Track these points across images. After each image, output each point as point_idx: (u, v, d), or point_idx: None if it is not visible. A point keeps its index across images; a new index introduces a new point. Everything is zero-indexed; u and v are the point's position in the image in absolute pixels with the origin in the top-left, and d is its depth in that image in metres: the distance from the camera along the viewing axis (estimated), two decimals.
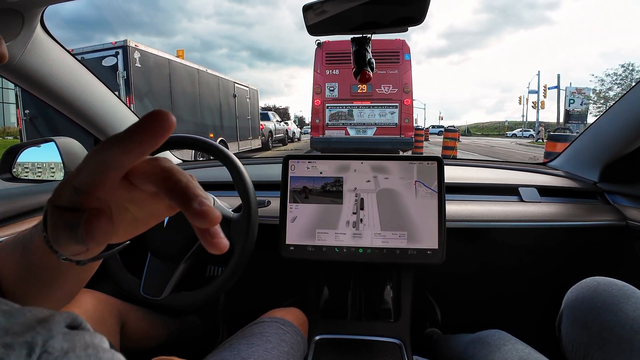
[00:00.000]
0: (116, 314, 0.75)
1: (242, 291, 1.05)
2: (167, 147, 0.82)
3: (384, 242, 0.83)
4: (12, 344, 0.19)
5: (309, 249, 0.84)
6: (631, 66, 26.54)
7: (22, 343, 0.19)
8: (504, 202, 1.02)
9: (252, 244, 0.74)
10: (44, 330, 0.20)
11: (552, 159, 1.28)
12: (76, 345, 0.21)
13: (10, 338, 0.19)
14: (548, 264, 1.13)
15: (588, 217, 0.96)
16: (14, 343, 0.19)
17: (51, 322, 0.21)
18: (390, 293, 1.00)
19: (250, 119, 10.48)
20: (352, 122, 7.20)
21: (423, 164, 0.85)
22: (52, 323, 0.21)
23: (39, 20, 0.72)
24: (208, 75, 8.25)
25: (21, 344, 0.19)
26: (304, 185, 0.86)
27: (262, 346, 0.68)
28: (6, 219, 0.77)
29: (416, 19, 0.60)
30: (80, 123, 0.96)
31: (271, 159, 1.43)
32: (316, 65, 7.24)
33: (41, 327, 0.20)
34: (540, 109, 29.40)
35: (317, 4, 0.58)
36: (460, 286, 1.22)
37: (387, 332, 0.92)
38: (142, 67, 5.95)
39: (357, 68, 0.68)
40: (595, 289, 0.61)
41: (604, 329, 0.56)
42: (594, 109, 26.51)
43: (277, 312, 0.82)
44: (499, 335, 0.75)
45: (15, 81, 0.78)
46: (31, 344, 0.19)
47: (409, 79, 7.00)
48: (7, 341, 0.19)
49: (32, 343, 0.19)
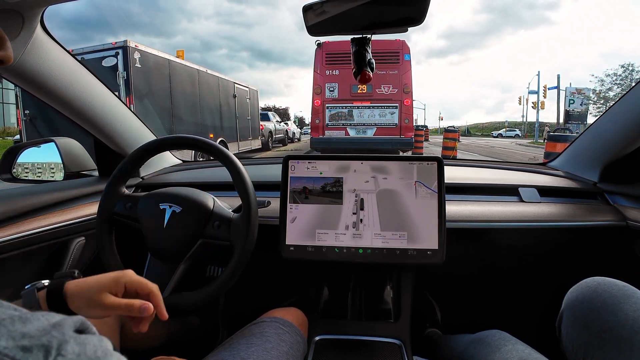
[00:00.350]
0: (116, 315, 0.75)
1: (242, 291, 1.05)
2: (167, 148, 0.82)
3: (384, 242, 0.83)
4: (30, 347, 0.19)
5: (309, 249, 0.84)
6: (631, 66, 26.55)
7: (39, 346, 0.20)
8: (504, 202, 1.02)
9: (252, 244, 0.74)
10: (58, 334, 0.21)
11: (552, 159, 1.28)
12: (87, 348, 0.22)
13: (28, 341, 0.20)
14: (548, 264, 1.13)
15: (588, 218, 0.96)
16: (32, 346, 0.19)
17: (63, 326, 0.22)
18: (390, 293, 1.00)
19: (250, 119, 10.48)
20: (352, 122, 7.20)
21: (423, 164, 0.85)
22: (64, 327, 0.22)
23: (39, 21, 0.72)
24: (208, 76, 8.25)
25: (38, 347, 0.20)
26: (304, 185, 0.86)
27: (262, 346, 0.68)
28: (6, 220, 0.77)
29: (416, 20, 0.60)
30: (80, 123, 0.96)
31: (271, 160, 1.43)
32: (316, 65, 7.24)
33: (55, 330, 0.21)
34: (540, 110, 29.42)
35: (317, 4, 0.58)
36: (460, 286, 1.22)
37: (387, 332, 0.91)
38: (142, 67, 5.95)
39: (357, 68, 0.68)
40: (596, 289, 0.61)
41: (604, 329, 0.56)
42: (594, 109, 26.51)
43: (277, 312, 0.82)
44: (499, 335, 0.75)
45: (15, 81, 0.78)
46: (47, 347, 0.20)
47: (409, 80, 7.01)
48: (25, 344, 0.19)
49: (48, 346, 0.20)
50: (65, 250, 0.89)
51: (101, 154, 1.10)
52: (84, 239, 0.92)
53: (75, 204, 0.94)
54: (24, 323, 0.21)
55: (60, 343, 0.20)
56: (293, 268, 1.12)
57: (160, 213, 0.76)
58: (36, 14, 0.70)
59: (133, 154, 0.80)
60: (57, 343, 0.20)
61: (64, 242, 0.88)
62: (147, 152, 0.81)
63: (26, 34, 0.71)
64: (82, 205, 0.94)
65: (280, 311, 0.83)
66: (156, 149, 0.81)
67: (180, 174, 1.25)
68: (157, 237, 0.76)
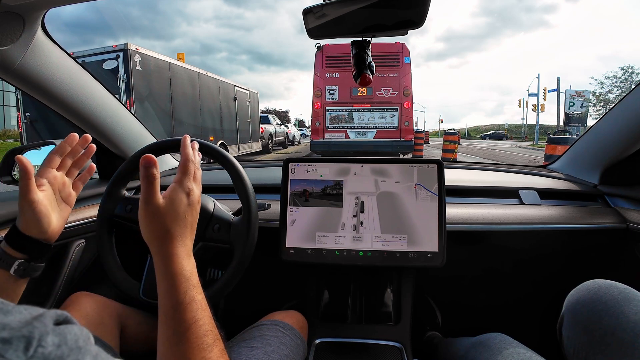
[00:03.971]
0: (116, 317, 0.75)
1: (242, 294, 1.05)
2: (167, 151, 0.82)
3: (384, 245, 0.82)
4: (9, 338, 0.19)
5: (309, 252, 0.84)
6: (631, 69, 26.62)
7: (20, 337, 0.20)
8: (504, 205, 1.02)
9: (252, 247, 0.74)
10: (40, 325, 0.21)
11: (552, 161, 1.28)
12: (67, 338, 0.22)
13: (8, 333, 0.19)
14: (549, 267, 1.12)
15: (588, 220, 0.96)
16: (12, 337, 0.19)
17: (45, 317, 0.22)
18: (390, 296, 0.99)
19: (250, 122, 10.49)
20: (352, 125, 7.21)
21: (423, 167, 0.85)
22: (45, 318, 0.22)
23: (39, 24, 0.73)
24: (208, 79, 8.27)
25: (19, 338, 0.19)
26: (304, 188, 0.86)
27: (262, 349, 0.68)
28: (7, 222, 0.77)
29: (416, 22, 0.60)
30: (80, 126, 0.96)
31: (271, 162, 1.43)
32: (316, 68, 7.26)
33: (37, 322, 0.21)
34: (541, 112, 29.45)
35: (317, 7, 0.59)
36: (460, 289, 1.22)
37: (388, 335, 0.91)
38: (142, 70, 5.97)
39: (357, 71, 0.68)
40: (597, 291, 0.61)
41: (605, 332, 0.55)
42: (594, 112, 26.58)
43: (277, 315, 0.82)
44: (500, 338, 0.74)
45: (16, 84, 0.78)
46: (28, 338, 0.20)
47: (409, 82, 7.02)
48: (4, 336, 0.19)
49: (29, 337, 0.20)
50: (65, 253, 0.88)
51: (101, 157, 1.10)
52: (84, 241, 0.92)
53: (75, 206, 0.94)
54: (5, 315, 0.21)
55: (41, 334, 0.20)
56: (293, 271, 1.12)
57: None
58: (37, 17, 0.70)
59: (133, 156, 0.80)
60: (39, 334, 0.20)
61: (64, 244, 0.88)
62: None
63: (27, 36, 0.71)
64: (82, 207, 0.94)
65: (280, 314, 0.83)
66: (156, 151, 0.81)
67: None
68: None
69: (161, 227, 0.49)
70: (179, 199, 0.51)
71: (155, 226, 0.49)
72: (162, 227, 0.49)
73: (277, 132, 14.15)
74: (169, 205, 0.50)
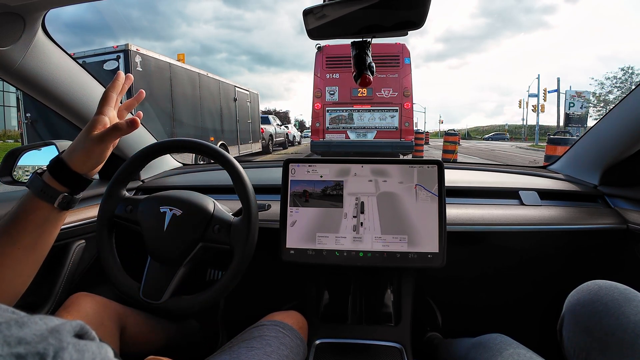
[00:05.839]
0: (116, 318, 0.75)
1: (242, 295, 1.05)
2: (167, 151, 0.82)
3: (385, 245, 0.82)
4: (25, 355, 0.19)
5: (309, 252, 0.84)
6: (631, 69, 26.64)
7: (35, 354, 0.19)
8: (505, 205, 1.02)
9: (252, 247, 0.74)
10: (55, 341, 0.20)
11: (553, 162, 1.28)
12: (85, 356, 0.21)
13: (24, 348, 0.19)
14: (549, 268, 1.12)
15: (589, 221, 0.96)
16: (27, 354, 0.19)
17: (61, 331, 0.21)
18: (390, 297, 0.99)
19: (250, 122, 10.49)
20: (353, 125, 7.21)
21: (423, 167, 0.85)
22: (62, 333, 0.21)
23: (40, 24, 0.73)
24: (209, 79, 8.27)
25: (33, 355, 0.19)
26: (304, 189, 0.86)
27: (262, 350, 0.68)
28: None
29: (416, 23, 0.60)
30: (81, 126, 0.96)
31: (271, 163, 1.43)
32: (316, 69, 7.26)
33: (52, 337, 0.20)
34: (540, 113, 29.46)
35: (317, 8, 0.59)
36: (461, 290, 1.22)
37: (388, 336, 0.91)
38: (143, 70, 5.98)
39: (357, 72, 0.68)
40: (597, 292, 0.60)
41: (605, 332, 0.55)
42: (594, 112, 26.59)
43: (277, 315, 0.82)
44: (500, 339, 0.74)
45: (17, 85, 0.78)
46: (43, 355, 0.19)
47: (409, 83, 7.02)
48: (20, 351, 0.19)
49: (44, 354, 0.19)
50: (66, 253, 0.88)
51: None
52: (84, 241, 0.92)
53: (75, 206, 0.94)
54: (20, 327, 0.20)
55: (57, 350, 0.20)
56: (293, 271, 1.12)
57: (160, 216, 0.76)
58: (37, 18, 0.70)
59: (134, 156, 0.80)
60: (54, 350, 0.19)
61: (64, 244, 0.88)
62: (148, 155, 0.81)
63: (27, 37, 0.71)
64: (83, 208, 0.94)
65: (280, 315, 0.83)
66: (157, 152, 0.81)
67: (181, 177, 1.25)
68: (157, 240, 0.76)
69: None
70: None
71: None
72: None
73: (277, 132, 14.15)
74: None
